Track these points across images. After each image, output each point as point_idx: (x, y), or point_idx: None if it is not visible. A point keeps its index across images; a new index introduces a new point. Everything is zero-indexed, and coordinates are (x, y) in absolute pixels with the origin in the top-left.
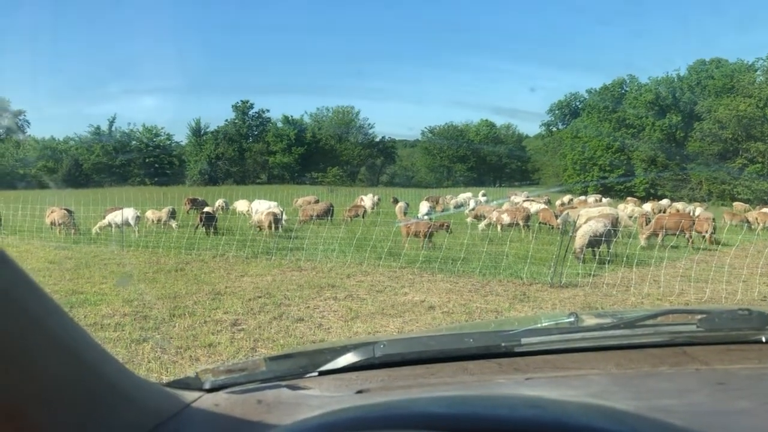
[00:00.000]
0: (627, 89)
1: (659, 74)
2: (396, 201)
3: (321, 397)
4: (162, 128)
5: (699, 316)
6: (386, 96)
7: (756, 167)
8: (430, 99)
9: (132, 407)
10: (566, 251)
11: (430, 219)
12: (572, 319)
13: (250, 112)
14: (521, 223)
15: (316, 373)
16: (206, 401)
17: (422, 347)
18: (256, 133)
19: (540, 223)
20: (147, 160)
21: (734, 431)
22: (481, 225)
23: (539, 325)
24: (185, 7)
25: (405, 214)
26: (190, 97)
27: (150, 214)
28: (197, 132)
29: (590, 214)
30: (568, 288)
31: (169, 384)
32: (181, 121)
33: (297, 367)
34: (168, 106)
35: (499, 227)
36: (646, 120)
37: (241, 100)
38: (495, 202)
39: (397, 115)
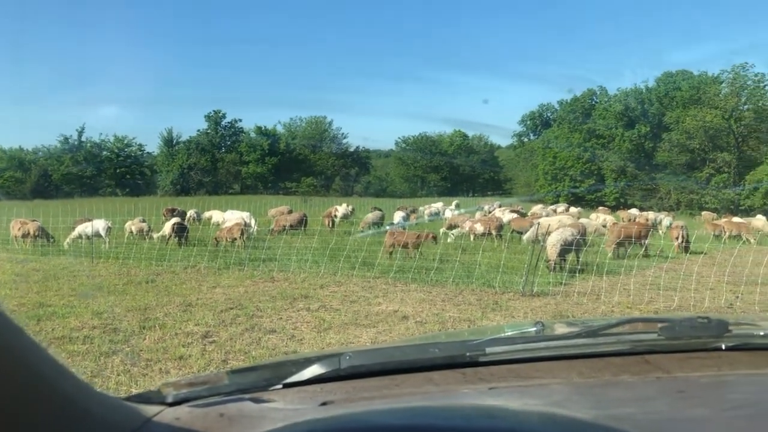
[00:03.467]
0: (597, 101)
1: (628, 86)
2: (377, 210)
3: (284, 409)
4: (133, 138)
5: (660, 325)
6: (360, 108)
7: (722, 177)
8: (404, 112)
9: (90, 423)
10: (537, 260)
11: (404, 228)
12: (537, 329)
13: (223, 122)
14: (494, 232)
15: (281, 386)
16: (167, 415)
17: (387, 358)
18: (228, 143)
19: (514, 231)
20: (118, 171)
21: None
22: (453, 234)
23: (504, 335)
24: (158, 16)
25: (375, 225)
26: (162, 107)
27: (129, 225)
28: (169, 142)
29: (551, 224)
30: (539, 297)
31: (130, 398)
32: (153, 131)
33: (261, 379)
34: (139, 116)
35: (472, 236)
36: (616, 131)
37: (214, 110)
38: (460, 211)
39: (371, 128)
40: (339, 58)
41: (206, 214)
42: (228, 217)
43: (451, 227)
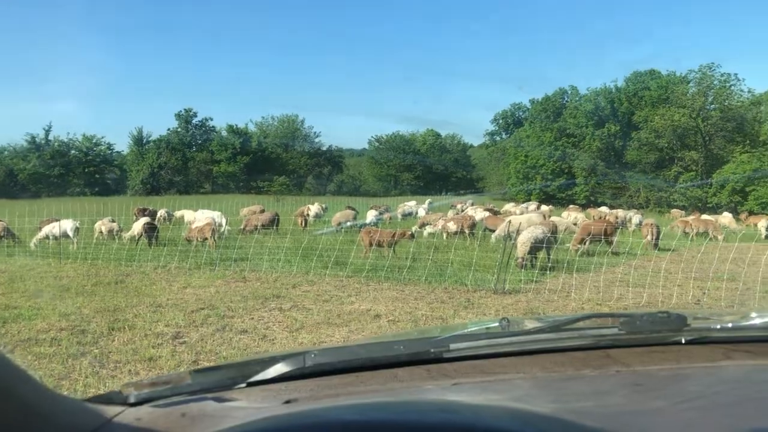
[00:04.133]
0: (567, 100)
1: (598, 85)
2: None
3: (247, 408)
4: (102, 137)
5: (621, 320)
6: (334, 107)
7: (690, 175)
8: (377, 112)
9: (49, 425)
10: (509, 258)
11: (377, 226)
12: (503, 325)
13: (194, 121)
14: (467, 230)
15: (245, 385)
16: (128, 416)
17: (353, 356)
18: (200, 141)
19: (487, 229)
20: (87, 170)
21: (648, 430)
22: (425, 232)
23: (468, 331)
24: (125, 12)
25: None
26: (132, 105)
27: (99, 225)
28: (139, 141)
29: (521, 222)
30: (511, 294)
31: (91, 399)
32: (122, 130)
33: (225, 379)
34: (108, 115)
35: (445, 235)
36: (586, 130)
37: (185, 109)
38: (424, 207)
39: (345, 127)
40: (311, 58)
41: (177, 214)
42: (199, 216)
43: (423, 225)
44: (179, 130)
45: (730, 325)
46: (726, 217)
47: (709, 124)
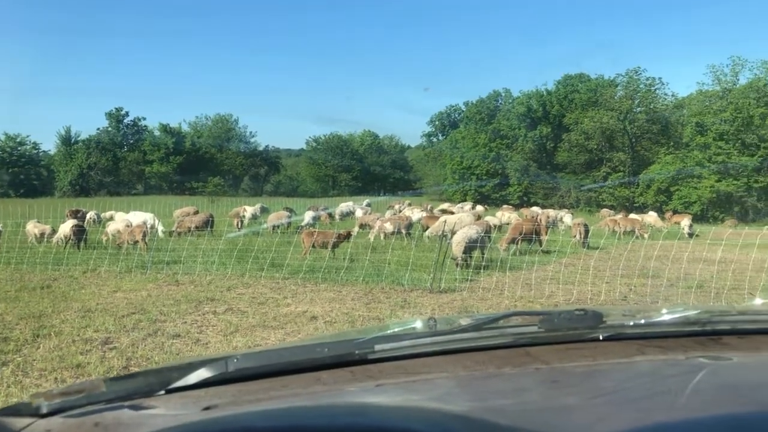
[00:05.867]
0: (501, 102)
1: (530, 88)
2: (289, 210)
3: (165, 415)
4: (27, 136)
5: (540, 318)
6: (270, 108)
7: (618, 175)
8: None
9: None
10: (444, 257)
11: (314, 228)
12: (430, 324)
13: (125, 120)
14: (404, 231)
15: (163, 392)
16: (38, 428)
17: (276, 359)
18: (131, 141)
19: (425, 229)
20: (11, 171)
21: (559, 426)
22: (371, 235)
23: (394, 331)
24: (47, 9)
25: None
26: (59, 104)
27: (32, 228)
28: (67, 141)
29: (456, 222)
30: (447, 293)
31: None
32: (49, 129)
33: (143, 386)
34: (33, 114)
35: (382, 235)
36: (519, 131)
37: (115, 108)
38: (362, 207)
39: (281, 127)
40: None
41: (107, 215)
42: (131, 218)
43: (362, 226)
44: (110, 129)
45: (642, 321)
46: (651, 216)
47: (636, 126)
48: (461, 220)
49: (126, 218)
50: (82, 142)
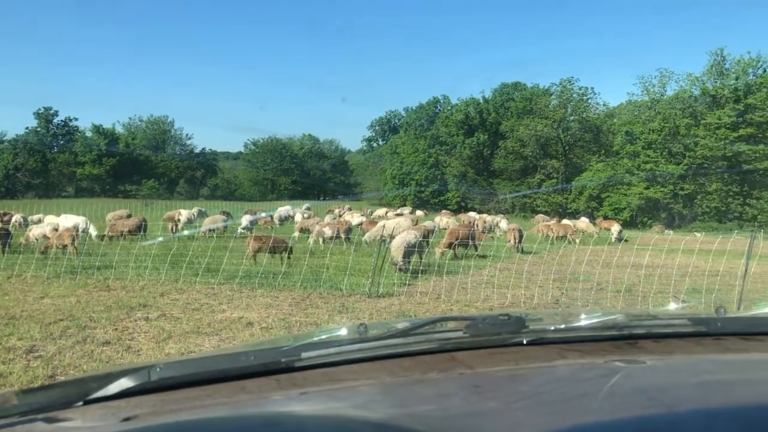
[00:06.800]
0: (440, 109)
1: (467, 96)
2: (226, 214)
3: (81, 428)
4: None
5: (465, 323)
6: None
7: (552, 182)
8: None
9: None
10: (383, 262)
11: (250, 232)
12: (360, 330)
13: (55, 120)
14: (343, 235)
15: (81, 403)
16: None
17: (200, 368)
18: (62, 142)
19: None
20: None
21: (479, 431)
22: (311, 240)
23: (321, 338)
24: None
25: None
26: None
27: None
28: None
29: (394, 227)
30: (385, 298)
31: None
32: None
33: (59, 398)
34: None
35: (321, 240)
36: (457, 138)
37: (44, 107)
38: (302, 212)
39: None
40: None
41: (34, 218)
42: (63, 222)
43: (302, 231)
44: (39, 129)
45: (563, 326)
46: (583, 222)
47: (569, 134)
48: (399, 225)
49: (56, 221)
50: (8, 142)
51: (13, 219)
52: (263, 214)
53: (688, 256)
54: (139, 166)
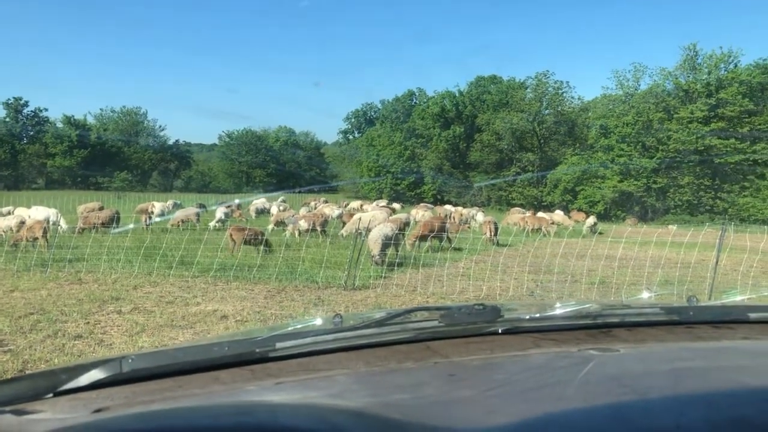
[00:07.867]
0: (416, 101)
1: (443, 88)
2: (202, 206)
3: (51, 420)
4: None
5: (440, 313)
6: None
7: (527, 175)
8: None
9: None
10: (359, 255)
11: (225, 225)
12: (336, 321)
13: (25, 111)
14: (319, 228)
15: (51, 395)
16: None
17: (173, 359)
18: (32, 133)
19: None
20: None
21: (451, 419)
22: (287, 233)
23: (296, 329)
24: None
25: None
26: None
27: None
28: None
29: (370, 220)
30: (361, 290)
31: None
32: None
33: (28, 390)
34: None
35: (297, 233)
36: (433, 131)
37: (14, 97)
38: (277, 204)
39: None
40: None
41: (3, 210)
42: (34, 214)
43: (278, 224)
44: (7, 120)
45: (538, 315)
46: (558, 215)
47: (544, 127)
48: (375, 218)
49: (27, 213)
50: None
51: None
52: (236, 201)
53: (661, 248)
54: (112, 158)
